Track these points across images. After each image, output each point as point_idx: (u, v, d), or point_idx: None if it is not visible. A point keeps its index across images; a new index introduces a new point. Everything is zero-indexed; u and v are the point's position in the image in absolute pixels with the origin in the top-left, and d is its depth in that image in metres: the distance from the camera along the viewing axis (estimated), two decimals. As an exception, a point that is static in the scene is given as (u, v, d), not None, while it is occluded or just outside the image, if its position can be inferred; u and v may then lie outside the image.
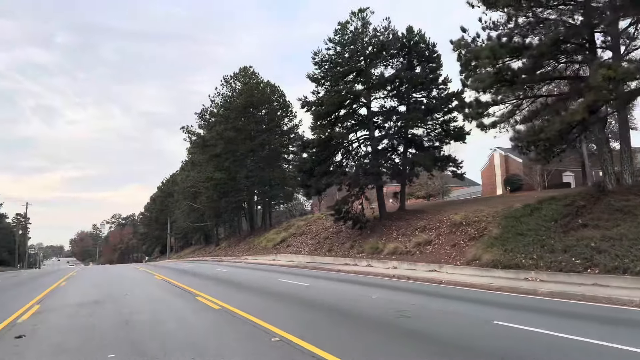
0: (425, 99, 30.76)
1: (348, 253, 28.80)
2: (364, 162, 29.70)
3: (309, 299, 12.50)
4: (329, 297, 12.78)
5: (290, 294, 13.58)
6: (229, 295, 13.88)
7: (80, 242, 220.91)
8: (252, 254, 47.52)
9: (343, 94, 28.30)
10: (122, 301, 13.14)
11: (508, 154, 53.00)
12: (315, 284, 16.70)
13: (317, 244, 35.49)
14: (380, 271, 21.71)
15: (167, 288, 16.89)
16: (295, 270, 25.32)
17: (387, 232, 28.18)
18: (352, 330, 8.23)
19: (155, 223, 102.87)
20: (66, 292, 16.60)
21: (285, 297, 13.07)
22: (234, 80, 57.32)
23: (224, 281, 19.29)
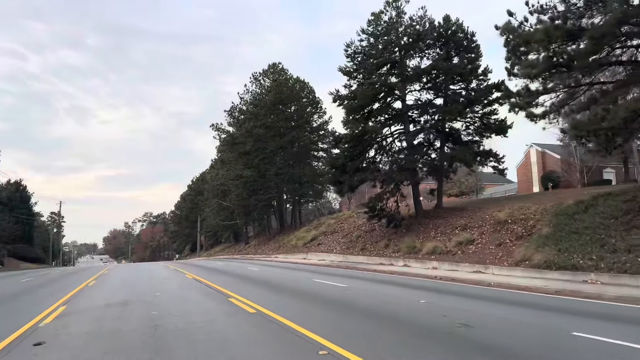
0: (463, 90, 29.31)
1: (383, 252, 27.64)
2: (398, 157, 28.44)
3: (350, 302, 11.46)
4: (373, 300, 11.72)
5: (329, 297, 12.56)
6: (263, 296, 12.97)
7: (113, 240, 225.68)
8: (282, 253, 46.81)
9: (377, 87, 27.11)
10: (151, 302, 12.38)
11: (545, 150, 50.82)
12: (353, 285, 15.64)
13: (349, 242, 34.43)
14: (420, 272, 20.51)
15: (198, 288, 16.13)
16: (329, 270, 24.32)
17: (424, 231, 26.89)
18: (410, 342, 7.15)
19: (185, 221, 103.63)
20: (95, 292, 16.02)
21: (324, 299, 12.06)
22: (263, 77, 56.76)
23: (256, 281, 18.44)
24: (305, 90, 53.95)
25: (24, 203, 74.03)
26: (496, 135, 28.94)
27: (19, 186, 75.23)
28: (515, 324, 8.41)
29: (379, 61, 28.26)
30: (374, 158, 30.66)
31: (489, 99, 28.65)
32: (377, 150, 30.66)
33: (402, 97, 29.32)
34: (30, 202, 77.91)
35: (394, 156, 30.27)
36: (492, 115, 28.89)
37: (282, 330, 7.98)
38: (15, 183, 75.11)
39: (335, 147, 30.53)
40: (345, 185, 28.35)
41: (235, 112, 57.82)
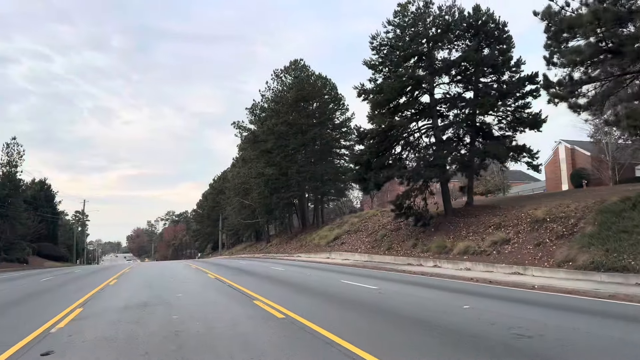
0: (495, 83, 28.02)
1: (411, 252, 26.57)
2: (426, 153, 27.32)
3: (387, 307, 10.51)
4: (410, 305, 10.76)
5: (362, 300, 11.64)
6: (291, 299, 12.12)
7: (136, 239, 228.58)
8: (304, 252, 46.05)
9: (404, 80, 26.04)
10: (172, 304, 11.65)
11: (574, 146, 49.06)
12: (385, 287, 14.68)
13: (374, 241, 33.42)
14: (452, 273, 19.43)
15: (221, 289, 15.39)
16: (355, 270, 23.38)
17: (454, 230, 25.73)
18: (465, 355, 6.18)
19: (207, 220, 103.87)
20: (114, 292, 15.40)
21: (358, 303, 11.15)
22: (284, 73, 56.08)
23: (281, 281, 17.62)
24: (327, 86, 53.07)
25: (48, 202, 74.89)
26: (530, 129, 27.57)
27: (44, 185, 76.13)
28: (583, 334, 7.36)
29: (406, 53, 27.16)
30: (400, 154, 29.58)
31: (522, 92, 27.37)
32: (403, 146, 29.56)
33: (430, 90, 28.18)
34: (54, 200, 78.83)
35: (420, 152, 29.17)
36: (526, 108, 27.58)
37: (316, 341, 7.09)
38: (40, 182, 76.02)
39: (360, 143, 29.55)
40: (370, 183, 27.35)
41: (256, 110, 57.29)
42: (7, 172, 59.02)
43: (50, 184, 79.02)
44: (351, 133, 53.29)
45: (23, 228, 60.05)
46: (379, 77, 29.32)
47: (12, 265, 50.27)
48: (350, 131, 53.31)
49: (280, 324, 8.51)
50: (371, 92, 27.81)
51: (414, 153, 28.73)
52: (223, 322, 8.88)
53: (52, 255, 71.01)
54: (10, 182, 57.82)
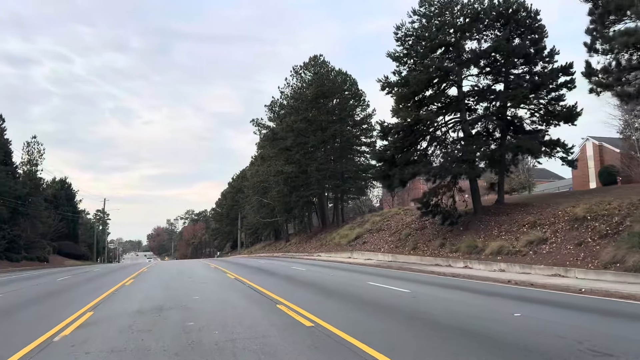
0: (527, 75, 26.57)
1: (438, 252, 25.33)
2: (455, 148, 26.03)
3: (425, 315, 9.41)
4: (451, 313, 9.62)
5: (396, 306, 10.54)
6: (317, 303, 11.09)
7: (156, 238, 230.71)
8: (324, 251, 45.04)
9: (431, 70, 24.79)
10: (189, 308, 10.73)
11: (602, 143, 47.18)
12: (417, 290, 13.54)
13: (398, 241, 32.23)
14: (485, 274, 18.18)
15: (241, 290, 14.44)
16: (380, 271, 22.26)
17: (485, 229, 24.42)
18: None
19: (226, 218, 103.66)
20: (129, 294, 14.57)
21: (392, 310, 10.05)
22: (303, 70, 55.09)
23: (304, 282, 16.62)
24: (347, 82, 51.94)
25: (69, 200, 75.27)
26: (564, 123, 26.07)
27: (64, 184, 76.56)
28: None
29: (433, 44, 25.87)
30: (426, 150, 28.33)
31: (556, 84, 25.91)
32: (429, 141, 28.32)
33: (458, 82, 26.87)
34: (75, 199, 79.26)
35: (447, 148, 27.90)
36: (560, 101, 26.10)
37: (354, 357, 6.04)
38: (60, 181, 76.49)
39: (384, 138, 28.37)
40: (395, 180, 26.15)
41: (275, 107, 56.48)
42: (27, 171, 59.31)
43: (71, 182, 79.53)
44: (372, 130, 52.16)
45: (43, 227, 60.31)
46: (403, 70, 28.10)
47: (32, 264, 50.34)
48: (371, 128, 52.18)
49: (309, 334, 7.47)
50: (396, 85, 26.62)
51: (440, 149, 27.49)
52: (244, 331, 7.89)
53: (72, 253, 71.32)
54: (30, 181, 58.05)
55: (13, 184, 51.79)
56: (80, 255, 74.68)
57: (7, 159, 54.06)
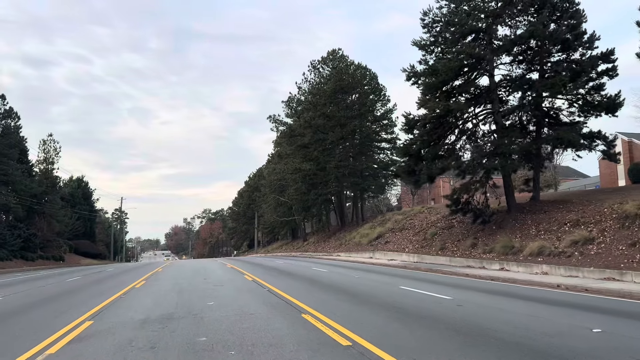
0: (564, 62, 24.69)
1: (469, 253, 23.62)
2: (487, 141, 24.28)
3: (481, 329, 7.83)
4: (511, 326, 8.02)
5: (442, 317, 8.97)
6: (349, 313, 9.59)
7: (174, 236, 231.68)
8: (344, 251, 43.54)
9: (462, 57, 23.06)
10: (201, 318, 9.32)
11: (632, 139, 44.92)
12: (459, 297, 11.94)
13: (423, 240, 30.56)
14: (526, 277, 16.48)
15: (260, 295, 13.00)
16: (408, 273, 20.66)
17: (521, 228, 22.65)
18: None
19: (243, 217, 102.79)
20: (137, 299, 13.24)
21: (439, 322, 8.48)
22: (321, 64, 53.68)
23: (329, 286, 15.11)
24: (367, 77, 50.31)
25: (86, 199, 74.96)
26: (605, 114, 24.17)
27: (81, 182, 76.28)
28: None
29: (463, 29, 24.14)
30: (454, 144, 26.62)
31: (596, 72, 24.04)
32: (457, 135, 26.61)
33: (489, 71, 25.11)
34: (92, 198, 78.96)
35: (476, 141, 26.15)
36: (600, 90, 24.21)
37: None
38: (77, 179, 76.23)
39: (409, 131, 26.71)
40: (422, 175, 24.50)
41: (292, 103, 55.11)
42: (43, 169, 58.92)
43: (88, 181, 79.30)
44: (393, 125, 50.53)
45: (60, 225, 59.83)
46: (430, 59, 26.45)
47: (47, 263, 49.79)
48: (392, 123, 50.55)
49: (349, 357, 5.97)
50: (423, 75, 24.98)
51: (469, 142, 25.73)
52: (266, 351, 6.42)
53: (89, 252, 70.98)
54: (47, 179, 57.62)
55: (29, 182, 51.33)
56: (97, 254, 74.34)
57: (23, 157, 53.67)
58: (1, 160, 46.80)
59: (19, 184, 49.28)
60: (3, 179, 47.78)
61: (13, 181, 48.71)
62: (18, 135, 51.64)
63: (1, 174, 47.19)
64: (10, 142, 48.79)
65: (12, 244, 46.00)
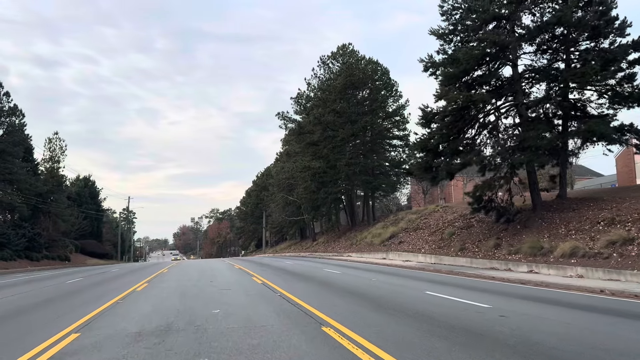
0: (592, 51, 23.14)
1: (493, 254, 22.16)
2: (511, 135, 22.79)
3: (540, 347, 6.46)
4: (575, 344, 6.64)
5: (491, 333, 7.59)
6: (378, 325, 8.22)
7: (182, 236, 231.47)
8: (355, 251, 42.18)
9: (485, 45, 21.58)
10: (205, 330, 8.04)
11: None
12: (498, 304, 10.54)
13: (440, 241, 29.12)
14: (561, 281, 15.05)
15: (271, 301, 11.68)
16: (429, 276, 19.26)
17: (549, 227, 21.15)
18: None
19: (250, 217, 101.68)
20: (136, 304, 11.98)
21: (487, 338, 7.11)
22: (331, 60, 52.33)
23: (346, 291, 13.75)
24: (378, 72, 48.83)
25: (92, 198, 74.17)
26: (638, 105, 22.61)
27: (88, 181, 75.50)
28: None
29: (485, 16, 22.65)
30: (474, 138, 25.18)
31: (627, 61, 22.48)
32: (477, 128, 25.15)
33: (513, 61, 23.62)
34: (99, 197, 78.21)
35: (497, 136, 24.68)
36: (632, 80, 22.63)
37: None
38: (84, 179, 75.45)
39: (425, 125, 25.26)
40: (441, 172, 23.08)
41: (301, 100, 53.77)
42: (49, 168, 58.07)
43: (95, 180, 78.54)
44: (405, 122, 49.12)
45: (66, 225, 59.00)
46: (448, 48, 25.02)
47: (52, 263, 48.87)
48: (404, 120, 49.11)
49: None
50: (441, 65, 23.55)
51: (491, 137, 24.25)
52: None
53: (96, 252, 70.16)
54: (52, 178, 56.77)
55: (34, 181, 50.45)
56: (103, 254, 73.52)
57: (27, 156, 52.83)
58: (6, 158, 45.91)
59: (23, 183, 48.38)
60: (7, 178, 46.93)
61: (18, 180, 47.82)
62: (23, 133, 50.73)
63: (6, 173, 46.34)
64: (15, 140, 47.87)
65: (17, 244, 45.12)
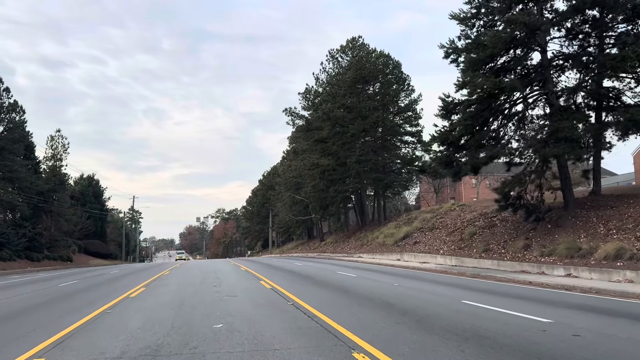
0: (629, 34, 21.22)
1: (522, 255, 20.28)
2: (543, 125, 20.91)
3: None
4: None
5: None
6: (423, 350, 6.45)
7: (188, 236, 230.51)
8: (366, 252, 40.38)
9: (514, 26, 19.69)
10: (202, 355, 6.31)
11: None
12: (558, 318, 8.72)
13: (460, 241, 27.26)
14: (608, 287, 13.19)
15: (284, 313, 9.92)
16: (455, 280, 17.44)
17: (584, 226, 19.27)
18: None
19: (257, 217, 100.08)
20: (124, 316, 10.27)
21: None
22: (340, 54, 50.53)
23: (371, 300, 11.93)
24: (389, 65, 46.95)
25: (96, 198, 72.77)
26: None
27: (92, 180, 74.10)
28: None
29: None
30: (497, 130, 23.33)
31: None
32: (501, 120, 23.31)
33: (542, 45, 21.74)
34: (103, 197, 76.81)
35: (525, 127, 22.83)
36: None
37: None
38: (88, 177, 74.06)
39: (446, 117, 23.41)
40: (465, 166, 21.26)
41: (310, 95, 51.99)
42: (51, 166, 56.66)
43: (99, 179, 77.15)
44: (418, 117, 47.24)
45: (68, 224, 57.57)
46: (471, 33, 23.18)
47: (53, 264, 47.39)
48: (417, 115, 47.21)
49: None
50: (465, 50, 21.71)
51: (519, 128, 22.38)
52: None
53: (99, 252, 68.74)
54: (54, 177, 55.35)
55: (35, 179, 49.02)
56: (108, 255, 72.07)
57: (29, 154, 51.40)
58: (6, 156, 44.46)
59: (24, 181, 46.93)
60: (7, 176, 45.51)
61: (18, 178, 46.34)
62: (23, 130, 49.31)
63: (5, 171, 44.93)
64: (15, 137, 46.46)
65: (17, 244, 43.63)
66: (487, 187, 67.96)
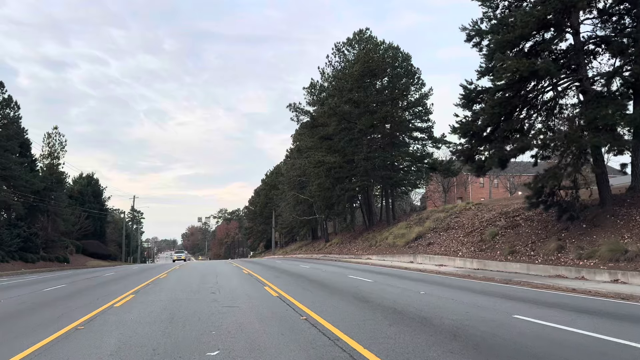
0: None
1: (557, 258, 18.25)
2: (580, 113, 18.89)
3: None
4: None
5: None
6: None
7: (190, 237, 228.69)
8: (374, 253, 38.33)
9: (547, 3, 17.64)
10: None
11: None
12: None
13: (481, 242, 25.25)
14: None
15: (297, 332, 7.95)
16: (485, 287, 15.42)
17: (627, 226, 17.26)
18: None
19: (259, 217, 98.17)
20: (100, 333, 8.31)
21: None
22: (346, 47, 48.55)
23: (400, 313, 9.94)
24: (398, 58, 44.90)
25: (95, 197, 70.96)
26: None
27: (91, 180, 72.30)
28: None
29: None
30: (524, 120, 21.32)
31: None
32: (528, 109, 21.31)
33: (575, 27, 19.73)
34: (102, 196, 75.02)
35: (556, 116, 20.84)
36: None
37: None
38: (87, 177, 72.26)
39: (467, 107, 21.43)
40: (491, 159, 19.27)
41: (315, 90, 50.02)
42: (48, 165, 54.89)
43: (98, 178, 75.32)
44: (429, 112, 45.22)
45: (66, 224, 55.78)
46: (494, 15, 21.20)
47: (49, 265, 45.58)
48: (428, 110, 45.18)
49: None
50: (489, 32, 19.70)
51: (550, 117, 20.36)
52: None
53: (98, 253, 66.90)
54: (51, 175, 53.58)
55: (30, 178, 47.21)
56: (107, 255, 70.21)
57: (24, 151, 49.61)
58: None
59: (19, 179, 45.16)
60: (1, 174, 43.70)
61: (13, 176, 44.55)
62: (18, 127, 47.53)
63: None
64: (9, 134, 44.69)
65: (10, 244, 41.83)
66: (494, 187, 66.02)
